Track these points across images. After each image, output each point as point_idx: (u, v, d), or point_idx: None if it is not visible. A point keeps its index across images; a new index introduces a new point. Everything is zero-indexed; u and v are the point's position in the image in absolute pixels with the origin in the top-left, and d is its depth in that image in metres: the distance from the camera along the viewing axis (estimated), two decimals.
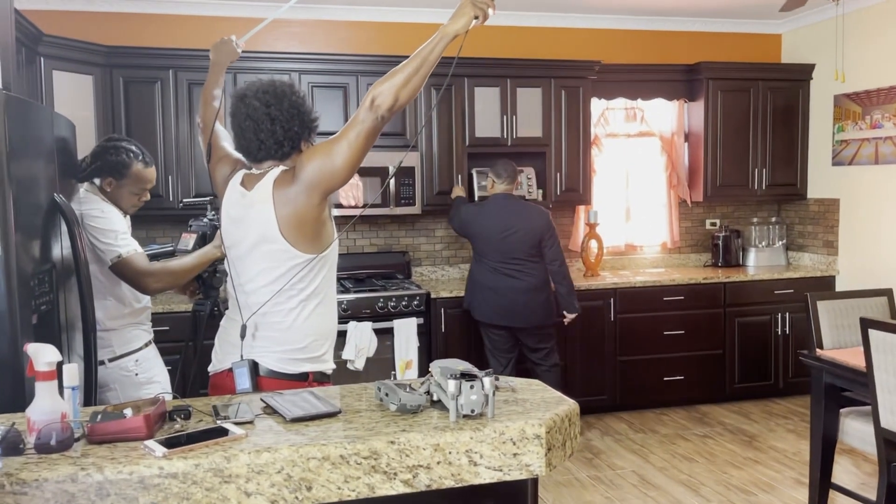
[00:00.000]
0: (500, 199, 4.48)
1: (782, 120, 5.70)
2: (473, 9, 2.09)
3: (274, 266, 2.20)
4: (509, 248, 4.40)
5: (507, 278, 4.41)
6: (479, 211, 4.52)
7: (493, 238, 4.42)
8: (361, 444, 1.55)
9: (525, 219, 4.42)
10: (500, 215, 4.43)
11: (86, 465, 1.42)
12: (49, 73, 4.15)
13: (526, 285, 4.41)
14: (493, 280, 4.44)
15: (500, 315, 4.45)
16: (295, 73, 4.82)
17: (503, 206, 4.45)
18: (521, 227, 4.39)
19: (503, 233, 4.40)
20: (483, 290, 4.48)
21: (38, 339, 2.29)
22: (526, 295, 4.41)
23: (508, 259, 4.41)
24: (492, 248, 4.43)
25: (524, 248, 4.41)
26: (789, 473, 4.19)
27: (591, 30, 5.61)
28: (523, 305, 4.41)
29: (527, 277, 4.42)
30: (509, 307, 4.42)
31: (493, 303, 4.45)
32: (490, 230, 4.43)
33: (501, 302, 4.43)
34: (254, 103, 2.18)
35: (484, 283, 4.48)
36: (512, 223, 4.40)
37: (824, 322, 3.78)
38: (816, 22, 5.61)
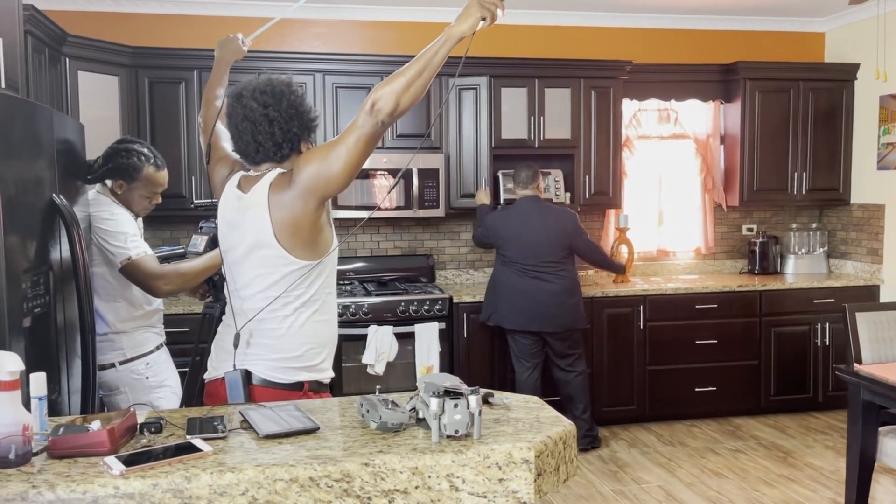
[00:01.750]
0: (526, 202, 4.45)
1: (824, 122, 5.47)
2: (481, 10, 1.98)
3: (269, 272, 2.12)
4: (539, 250, 4.35)
5: (537, 281, 4.36)
6: (507, 215, 4.48)
7: (522, 241, 4.36)
8: (333, 466, 1.46)
9: (553, 221, 4.39)
10: (527, 218, 4.39)
11: (38, 483, 1.36)
12: (74, 74, 4.17)
13: (556, 288, 4.36)
14: (523, 284, 4.37)
15: (530, 319, 4.38)
16: (319, 74, 4.77)
17: (530, 208, 4.41)
18: (549, 229, 4.36)
19: (532, 235, 4.35)
20: (511, 295, 4.40)
21: (31, 342, 2.26)
22: (556, 298, 4.36)
23: (538, 262, 4.36)
24: (521, 251, 4.37)
25: (553, 251, 4.36)
26: (826, 493, 3.98)
27: (623, 29, 5.46)
28: (555, 308, 4.37)
29: (557, 280, 4.37)
30: (539, 311, 4.36)
31: (522, 307, 4.37)
32: (519, 233, 4.38)
33: (531, 306, 4.36)
34: (251, 104, 2.11)
35: (512, 288, 4.40)
36: (540, 225, 4.36)
37: (864, 335, 3.59)
38: (862, 19, 5.36)
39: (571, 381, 4.51)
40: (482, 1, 1.98)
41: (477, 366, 4.77)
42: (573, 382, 4.52)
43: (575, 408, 4.55)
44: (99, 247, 2.80)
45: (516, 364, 4.54)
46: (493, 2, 1.98)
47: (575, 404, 4.55)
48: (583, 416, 4.55)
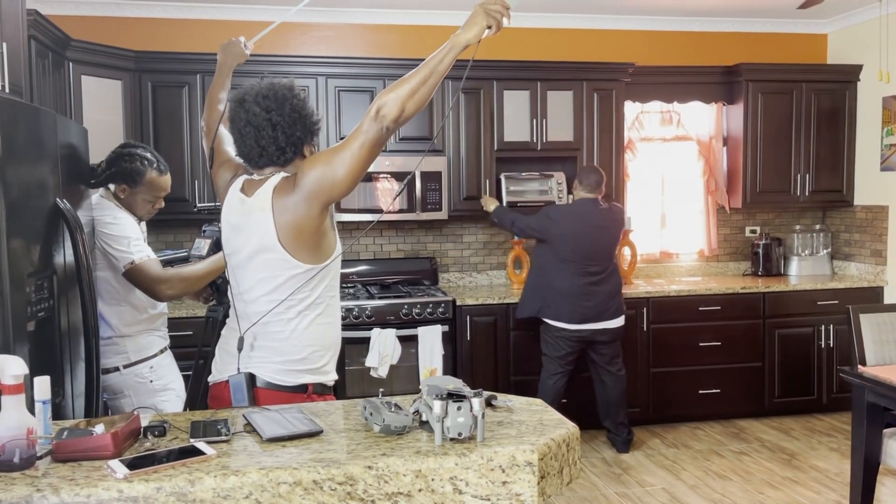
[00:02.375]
0: (588, 204, 4.49)
1: (827, 123, 5.46)
2: (486, 18, 1.97)
3: (273, 276, 2.12)
4: (600, 252, 4.44)
5: (597, 280, 4.44)
6: (568, 214, 4.50)
7: (584, 242, 4.41)
8: (336, 469, 1.46)
9: (613, 223, 4.50)
10: (591, 220, 4.44)
11: (42, 487, 1.36)
12: (77, 78, 4.18)
13: (611, 287, 4.47)
14: (580, 284, 4.41)
15: (589, 318, 4.43)
16: (321, 78, 4.78)
17: (593, 211, 4.47)
18: (610, 232, 4.49)
19: (595, 237, 4.43)
20: (570, 294, 4.41)
21: (35, 346, 2.26)
22: (612, 296, 4.47)
23: (599, 263, 4.44)
24: (582, 252, 4.41)
25: (611, 252, 4.51)
26: (830, 496, 3.97)
27: (625, 31, 5.46)
28: (612, 306, 4.46)
29: (612, 279, 4.49)
30: (599, 309, 4.43)
31: (579, 306, 4.41)
32: (580, 234, 4.42)
33: (592, 304, 4.42)
34: (254, 109, 2.11)
35: (572, 287, 4.41)
36: (603, 229, 4.46)
37: (868, 336, 3.58)
38: (865, 21, 5.36)
39: (616, 378, 4.56)
40: (488, 9, 1.98)
41: (480, 368, 4.77)
42: (617, 379, 4.57)
43: (617, 413, 4.61)
44: (102, 251, 2.81)
45: (548, 366, 4.54)
46: (498, 10, 1.98)
47: (618, 409, 4.61)
48: (624, 420, 4.63)
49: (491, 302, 4.78)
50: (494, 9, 1.98)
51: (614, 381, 4.57)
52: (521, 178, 5.09)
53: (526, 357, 4.83)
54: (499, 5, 1.98)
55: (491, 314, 4.79)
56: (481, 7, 1.98)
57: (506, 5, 1.99)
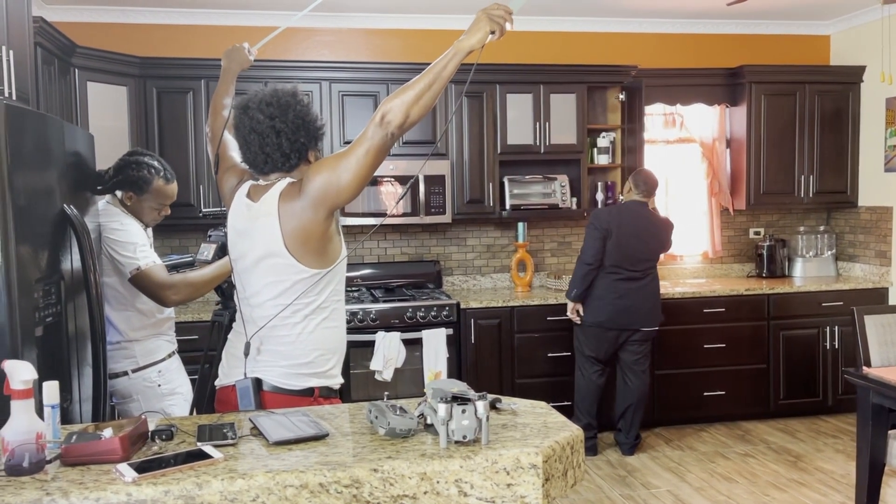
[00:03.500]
0: (637, 207, 4.54)
1: (831, 124, 5.46)
2: (490, 23, 1.99)
3: (279, 280, 2.13)
4: (645, 255, 4.48)
5: (634, 281, 4.47)
6: (616, 217, 4.53)
7: (631, 244, 4.46)
8: (342, 472, 1.47)
9: (657, 228, 4.54)
10: (640, 223, 4.50)
11: (52, 490, 1.37)
12: (83, 85, 4.21)
13: (649, 292, 4.51)
14: (617, 282, 4.47)
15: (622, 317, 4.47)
16: (325, 82, 4.79)
17: (643, 214, 4.52)
18: (657, 237, 4.53)
19: (642, 239, 4.48)
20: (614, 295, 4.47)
21: (43, 351, 2.28)
22: (652, 297, 4.52)
23: (637, 263, 4.47)
24: (628, 253, 4.45)
25: (654, 255, 4.55)
26: (836, 497, 3.96)
27: (627, 34, 5.47)
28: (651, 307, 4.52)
29: (651, 284, 4.53)
30: (632, 309, 4.47)
31: (612, 304, 4.46)
32: (628, 236, 4.46)
33: (624, 304, 4.47)
34: (258, 116, 2.12)
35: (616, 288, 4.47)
36: (651, 232, 4.51)
37: (872, 337, 3.58)
38: (868, 22, 5.36)
39: (640, 386, 4.57)
40: (491, 15, 1.99)
41: (485, 371, 4.77)
42: (641, 388, 4.57)
43: (633, 416, 4.62)
44: (109, 257, 2.83)
45: (587, 366, 4.59)
46: (501, 15, 1.99)
47: (635, 412, 4.61)
48: (636, 424, 4.64)
49: (495, 305, 4.79)
50: (497, 14, 1.99)
51: (638, 382, 4.57)
52: (524, 181, 5.11)
53: (530, 360, 4.84)
54: (502, 10, 2.00)
55: (495, 317, 4.80)
56: (484, 13, 2.00)
57: (509, 10, 2.01)
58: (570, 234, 5.57)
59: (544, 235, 5.52)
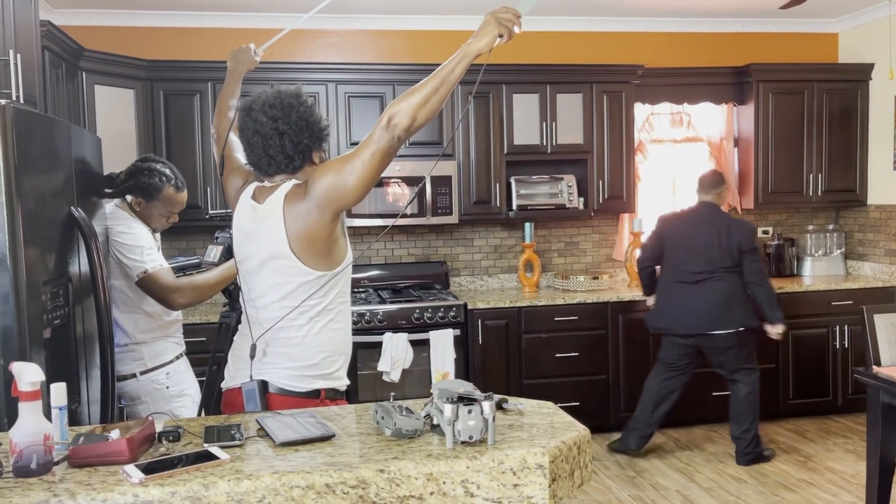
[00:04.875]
0: (703, 208, 4.48)
1: (839, 122, 5.43)
2: (498, 27, 1.98)
3: (285, 282, 2.13)
4: (706, 257, 4.36)
5: (700, 286, 4.37)
6: (679, 219, 4.52)
7: (690, 246, 4.40)
8: (348, 473, 1.47)
9: (725, 231, 4.36)
10: (701, 224, 4.41)
11: (59, 492, 1.38)
12: (91, 88, 4.23)
13: (716, 297, 4.35)
14: (686, 288, 4.40)
15: (689, 323, 4.40)
16: (331, 84, 4.80)
17: (705, 215, 4.44)
18: (720, 239, 4.34)
19: (701, 241, 4.37)
20: (674, 299, 4.45)
21: (51, 353, 2.29)
22: (718, 306, 4.35)
23: (703, 268, 4.36)
24: (687, 256, 4.40)
25: (721, 258, 4.35)
26: (846, 497, 3.94)
27: (634, 33, 5.46)
28: (714, 313, 4.35)
29: (718, 288, 4.35)
30: (696, 313, 4.37)
31: (685, 310, 4.40)
32: (687, 238, 4.41)
33: (685, 308, 4.39)
34: (261, 118, 2.12)
35: (676, 291, 4.44)
36: (711, 233, 4.36)
37: (882, 337, 3.55)
38: (876, 20, 5.34)
39: (735, 396, 4.46)
40: (499, 18, 1.98)
41: (492, 372, 4.77)
42: (735, 398, 4.45)
43: (736, 426, 4.46)
44: (116, 260, 2.84)
45: (656, 366, 4.58)
46: (509, 18, 1.98)
47: (736, 422, 4.46)
48: (743, 435, 4.44)
49: (502, 305, 4.78)
50: (506, 17, 1.98)
51: (733, 389, 4.47)
52: (531, 181, 5.10)
53: (538, 361, 4.83)
54: (510, 14, 1.99)
55: (503, 317, 4.79)
56: (492, 16, 1.99)
57: (517, 14, 2.00)
58: (577, 234, 5.56)
59: (551, 236, 5.52)
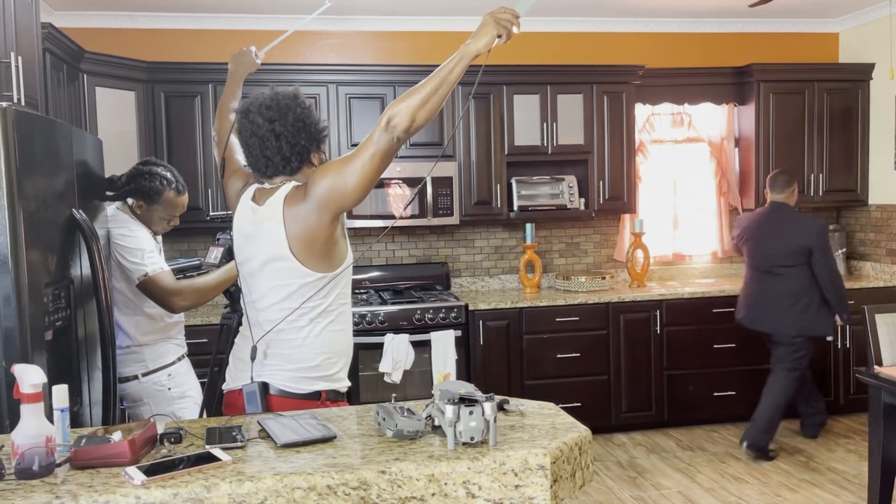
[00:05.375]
0: (774, 207, 4.60)
1: (840, 122, 5.43)
2: (496, 27, 1.98)
3: (285, 284, 2.13)
4: (773, 255, 4.49)
5: (767, 283, 4.52)
6: (753, 217, 4.67)
7: (760, 243, 4.55)
8: (350, 474, 1.47)
9: (794, 230, 4.46)
10: (770, 223, 4.55)
11: (61, 494, 1.38)
12: (92, 90, 4.23)
13: (782, 292, 4.46)
14: (755, 283, 4.58)
15: (756, 319, 4.57)
16: (332, 85, 4.80)
17: (775, 214, 4.56)
18: (788, 237, 4.45)
19: (770, 240, 4.51)
20: (747, 293, 4.64)
21: (53, 355, 2.29)
22: (782, 301, 4.46)
23: (771, 265, 4.50)
24: (757, 252, 4.56)
25: (788, 257, 4.45)
26: (848, 498, 3.94)
27: (634, 34, 5.46)
28: (779, 311, 4.48)
29: (786, 284, 4.46)
30: (765, 311, 4.52)
31: (752, 305, 4.59)
32: (758, 236, 4.56)
33: (759, 304, 4.55)
34: (257, 120, 2.12)
35: (748, 286, 4.64)
36: (780, 232, 4.48)
37: (884, 336, 3.55)
38: (876, 19, 5.33)
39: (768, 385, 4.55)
40: (498, 18, 1.98)
41: (494, 373, 4.77)
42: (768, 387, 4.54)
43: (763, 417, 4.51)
44: (117, 262, 2.84)
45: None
46: (508, 19, 1.98)
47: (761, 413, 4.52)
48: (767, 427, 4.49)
49: (504, 306, 4.79)
50: (504, 18, 1.98)
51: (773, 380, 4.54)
52: (532, 182, 5.10)
53: (539, 361, 4.83)
54: (509, 14, 1.99)
55: (504, 318, 4.79)
56: (491, 16, 1.99)
57: (515, 14, 2.00)
58: (578, 234, 5.56)
59: (552, 236, 5.52)
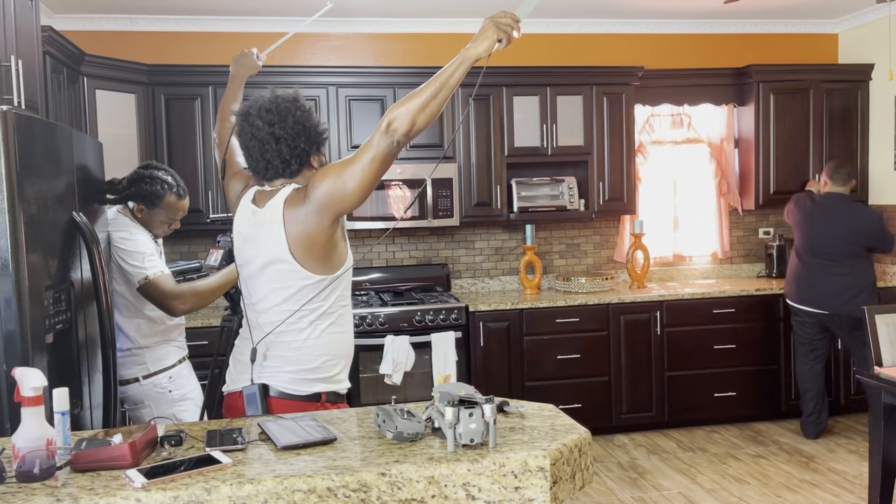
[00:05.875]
0: (834, 198, 4.69)
1: (840, 123, 5.43)
2: (497, 32, 1.99)
3: (285, 286, 2.14)
4: (834, 244, 4.60)
5: (826, 268, 4.63)
6: (813, 207, 4.73)
7: (821, 233, 4.64)
8: (350, 476, 1.47)
9: (852, 219, 4.61)
10: (832, 214, 4.64)
11: (62, 496, 1.38)
12: (92, 93, 4.23)
13: (844, 283, 4.57)
14: (809, 267, 4.68)
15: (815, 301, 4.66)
16: (332, 87, 4.81)
17: (837, 205, 4.65)
18: (849, 226, 4.59)
19: (831, 230, 4.61)
20: (802, 277, 4.73)
21: (53, 358, 2.30)
22: (842, 286, 4.57)
23: (833, 254, 4.62)
24: (818, 242, 4.65)
25: (849, 247, 4.60)
26: (849, 498, 3.94)
27: (633, 35, 5.47)
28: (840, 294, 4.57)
29: (846, 270, 4.59)
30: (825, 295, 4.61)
31: (809, 286, 4.68)
32: (818, 224, 4.66)
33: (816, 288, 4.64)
34: (257, 123, 2.12)
35: (804, 271, 4.72)
36: (841, 222, 4.61)
37: (884, 337, 3.55)
38: (876, 20, 5.34)
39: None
40: (498, 22, 1.99)
41: (494, 374, 4.77)
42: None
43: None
44: (117, 266, 2.85)
45: (798, 351, 4.86)
46: (508, 23, 1.99)
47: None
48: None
49: (504, 308, 4.79)
50: (504, 22, 1.99)
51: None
52: (532, 183, 5.11)
53: (540, 362, 4.83)
54: (509, 19, 1.99)
55: (504, 320, 4.79)
56: (492, 21, 1.99)
57: (515, 18, 2.01)
58: (578, 235, 5.56)
59: (552, 237, 5.52)
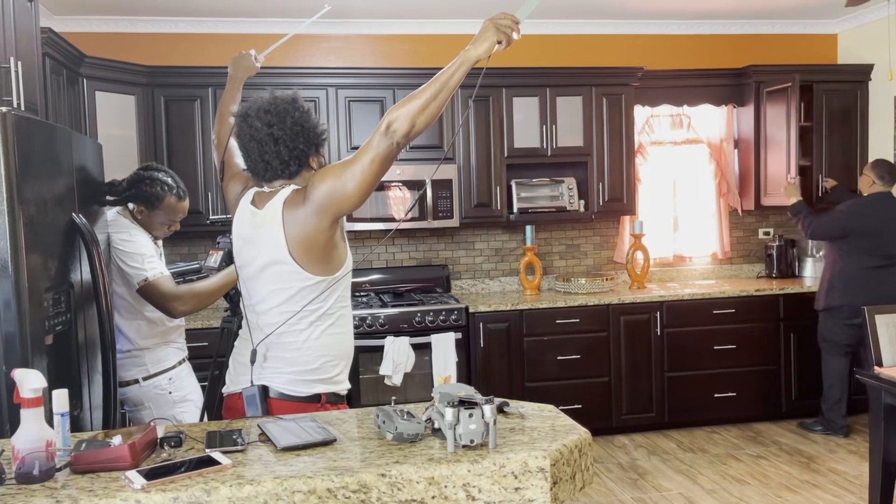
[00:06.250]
0: (884, 196, 4.69)
1: (839, 123, 5.43)
2: (497, 34, 1.99)
3: (284, 287, 2.13)
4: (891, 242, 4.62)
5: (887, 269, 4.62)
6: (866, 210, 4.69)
7: (882, 234, 4.62)
8: (350, 477, 1.47)
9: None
10: (885, 214, 4.63)
11: (62, 498, 1.38)
12: (92, 94, 4.24)
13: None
14: (869, 270, 4.62)
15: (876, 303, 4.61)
16: (331, 88, 4.81)
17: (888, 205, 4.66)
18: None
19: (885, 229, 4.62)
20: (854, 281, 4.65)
21: (53, 360, 2.30)
22: None
23: (888, 253, 4.61)
24: (877, 241, 4.62)
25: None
26: (850, 499, 3.93)
27: (633, 36, 5.47)
28: None
29: None
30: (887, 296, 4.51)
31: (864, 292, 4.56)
32: (879, 227, 4.63)
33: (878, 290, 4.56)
34: (256, 124, 2.12)
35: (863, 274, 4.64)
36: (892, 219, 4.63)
37: (883, 337, 3.54)
38: (875, 20, 5.34)
39: None
40: (498, 24, 1.99)
41: (494, 375, 4.77)
42: None
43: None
44: (117, 267, 2.85)
45: (829, 351, 4.82)
46: (508, 25, 1.99)
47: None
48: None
49: (504, 308, 4.79)
50: (504, 24, 1.99)
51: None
52: (531, 184, 5.11)
53: (540, 363, 4.83)
54: (509, 20, 2.00)
55: (504, 321, 4.79)
56: (491, 22, 1.99)
57: (515, 20, 2.01)
58: (578, 236, 5.56)
59: (552, 238, 5.52)
